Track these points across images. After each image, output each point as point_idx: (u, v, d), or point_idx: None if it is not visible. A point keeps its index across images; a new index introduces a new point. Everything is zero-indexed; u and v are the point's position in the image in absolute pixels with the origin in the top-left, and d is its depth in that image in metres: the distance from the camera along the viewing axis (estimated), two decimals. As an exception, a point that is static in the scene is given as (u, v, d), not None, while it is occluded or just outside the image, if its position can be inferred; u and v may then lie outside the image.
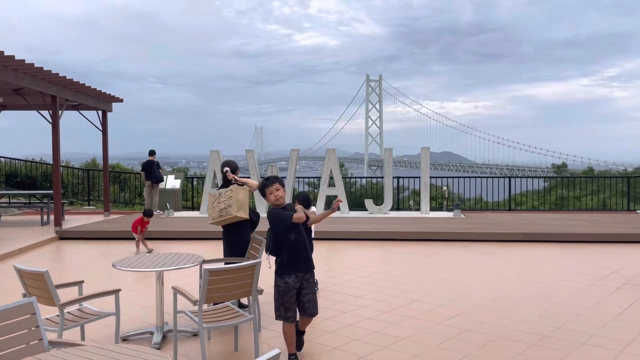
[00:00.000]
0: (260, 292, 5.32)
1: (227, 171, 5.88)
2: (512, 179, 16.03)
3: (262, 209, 13.12)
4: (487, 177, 16.90)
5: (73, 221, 13.47)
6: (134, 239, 10.00)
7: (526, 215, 14.23)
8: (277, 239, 4.26)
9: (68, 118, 16.73)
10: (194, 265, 4.90)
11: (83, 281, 4.77)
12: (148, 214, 10.12)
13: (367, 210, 14.39)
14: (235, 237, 5.90)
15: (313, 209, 6.15)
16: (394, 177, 14.98)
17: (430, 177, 14.83)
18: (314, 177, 16.14)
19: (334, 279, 7.59)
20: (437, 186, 18.07)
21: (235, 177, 5.89)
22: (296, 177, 15.03)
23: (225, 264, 5.80)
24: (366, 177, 23.39)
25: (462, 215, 13.65)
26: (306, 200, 5.98)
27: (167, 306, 5.53)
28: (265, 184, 4.28)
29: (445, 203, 15.67)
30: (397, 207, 15.74)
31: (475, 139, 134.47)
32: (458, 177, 17.02)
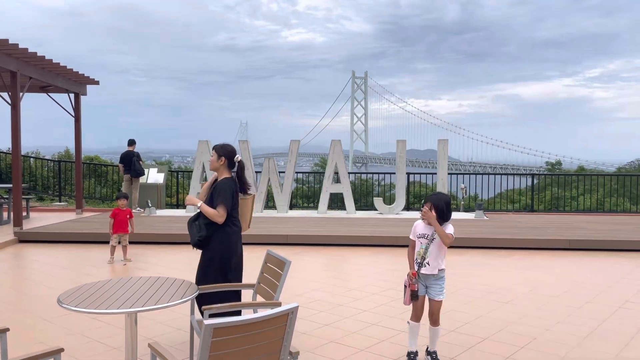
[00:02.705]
0: (295, 356, 3.11)
1: (239, 159, 4.56)
2: (535, 177, 14.48)
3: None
4: (509, 175, 15.35)
5: (39, 220, 11.66)
6: (108, 242, 8.18)
7: (553, 217, 12.69)
8: None
9: (49, 107, 14.78)
10: (184, 302, 3.24)
11: (8, 329, 3.04)
12: (120, 195, 8.23)
13: (375, 210, 12.78)
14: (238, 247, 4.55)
15: (450, 229, 3.99)
16: (407, 173, 13.32)
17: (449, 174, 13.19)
18: (315, 172, 14.43)
19: (338, 298, 5.94)
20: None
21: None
22: (295, 172, 13.38)
23: (223, 292, 4.17)
24: (376, 173, 21.62)
25: (486, 217, 12.07)
26: (447, 207, 3.97)
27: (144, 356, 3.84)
28: None
29: (462, 203, 14.07)
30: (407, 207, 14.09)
31: (460, 138, 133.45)
32: (475, 175, 15.43)
